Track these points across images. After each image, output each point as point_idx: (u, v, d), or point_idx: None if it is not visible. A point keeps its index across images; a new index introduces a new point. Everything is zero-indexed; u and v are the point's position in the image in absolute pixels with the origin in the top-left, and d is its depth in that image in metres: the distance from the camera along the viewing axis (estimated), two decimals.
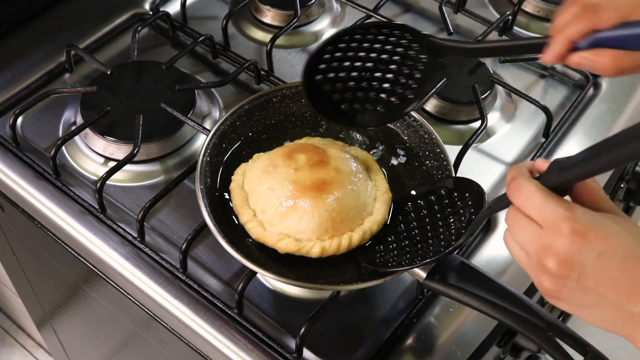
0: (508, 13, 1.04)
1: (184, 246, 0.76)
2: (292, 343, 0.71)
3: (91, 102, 0.91)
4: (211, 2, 1.11)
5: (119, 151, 0.87)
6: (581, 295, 0.51)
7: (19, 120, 0.91)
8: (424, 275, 0.67)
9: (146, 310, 0.80)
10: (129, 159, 0.84)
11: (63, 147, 0.87)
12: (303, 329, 0.69)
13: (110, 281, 0.83)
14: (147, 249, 0.79)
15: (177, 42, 1.04)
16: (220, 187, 0.77)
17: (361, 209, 0.73)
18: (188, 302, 0.75)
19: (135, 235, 0.80)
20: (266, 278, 0.78)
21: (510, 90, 0.95)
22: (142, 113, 0.88)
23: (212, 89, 0.97)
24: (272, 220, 0.71)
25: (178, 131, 0.89)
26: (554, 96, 0.98)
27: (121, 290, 0.82)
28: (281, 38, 0.99)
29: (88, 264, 0.84)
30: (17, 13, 1.02)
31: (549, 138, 0.92)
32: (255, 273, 0.72)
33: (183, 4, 1.05)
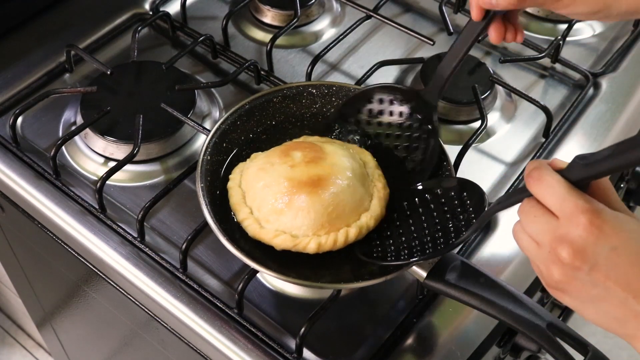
0: None
1: (184, 246, 0.76)
2: (292, 343, 0.71)
3: (91, 102, 0.91)
4: (211, 2, 1.11)
5: (119, 151, 0.87)
6: (589, 288, 0.51)
7: (19, 120, 0.91)
8: (425, 274, 0.67)
9: (146, 310, 0.80)
10: (129, 159, 0.84)
11: (63, 147, 0.87)
12: (303, 329, 0.69)
13: (110, 281, 0.83)
14: (147, 249, 0.79)
15: (177, 42, 1.04)
16: (220, 187, 0.77)
17: (358, 205, 0.72)
18: (188, 302, 0.75)
19: (135, 235, 0.80)
20: (266, 278, 0.78)
21: (510, 90, 0.95)
22: (142, 113, 0.88)
23: (212, 89, 0.97)
24: (268, 217, 0.71)
25: (178, 131, 0.89)
26: (554, 96, 0.98)
27: (121, 290, 0.82)
28: (281, 38, 0.99)
29: (88, 264, 0.84)
30: (17, 13, 1.02)
31: (549, 138, 0.92)
32: (255, 272, 0.72)
33: (183, 4, 1.05)
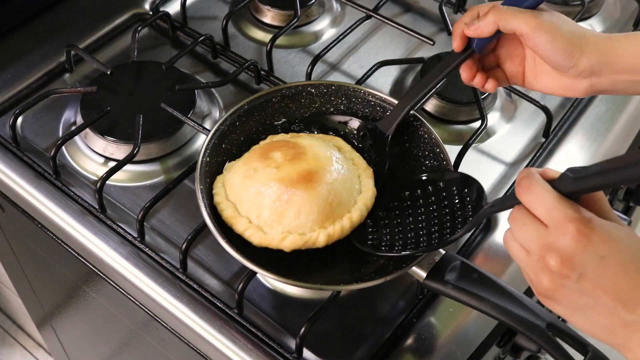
0: None
1: (184, 246, 0.76)
2: (292, 343, 0.71)
3: (91, 102, 0.91)
4: (211, 2, 1.11)
5: (119, 151, 0.87)
6: (578, 297, 0.51)
7: (19, 120, 0.91)
8: (424, 274, 0.67)
9: (146, 310, 0.80)
10: (129, 159, 0.84)
11: (63, 147, 0.87)
12: (303, 329, 0.69)
13: (110, 281, 0.83)
14: (147, 249, 0.79)
15: (177, 42, 1.04)
16: None
17: (352, 189, 0.74)
18: (188, 302, 0.75)
19: (135, 235, 0.80)
20: (266, 278, 0.78)
21: (510, 90, 0.95)
22: (142, 113, 0.88)
23: (212, 89, 0.97)
24: (270, 221, 0.71)
25: (178, 131, 0.89)
26: (554, 96, 0.98)
27: (121, 290, 0.82)
28: (281, 38, 0.99)
29: (88, 264, 0.84)
30: (17, 13, 1.02)
31: (549, 138, 0.92)
32: (255, 273, 0.72)
33: (183, 4, 1.05)
